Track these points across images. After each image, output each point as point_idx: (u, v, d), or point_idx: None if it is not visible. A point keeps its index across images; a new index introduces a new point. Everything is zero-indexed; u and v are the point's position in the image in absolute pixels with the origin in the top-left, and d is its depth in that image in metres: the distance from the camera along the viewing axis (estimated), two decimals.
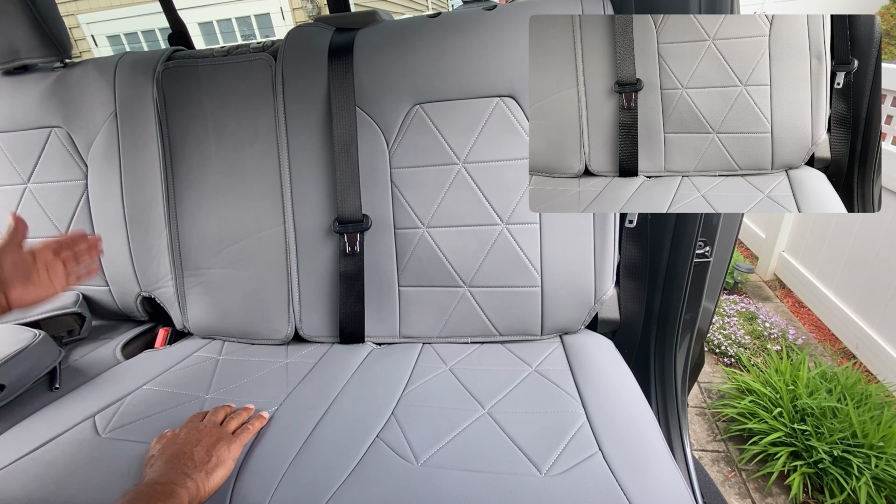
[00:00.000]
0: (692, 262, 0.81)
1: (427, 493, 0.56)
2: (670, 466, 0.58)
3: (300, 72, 0.91)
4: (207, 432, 0.63)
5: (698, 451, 1.38)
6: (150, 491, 0.51)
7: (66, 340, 1.00)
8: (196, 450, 0.59)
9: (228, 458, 0.60)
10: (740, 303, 2.04)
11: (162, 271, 1.02)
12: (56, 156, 1.02)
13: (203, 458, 0.58)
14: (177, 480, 0.53)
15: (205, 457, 0.58)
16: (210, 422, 0.66)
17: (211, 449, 0.60)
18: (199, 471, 0.56)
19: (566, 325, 0.90)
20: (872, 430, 1.20)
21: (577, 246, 0.86)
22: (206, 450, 0.60)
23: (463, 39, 0.84)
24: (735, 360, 1.72)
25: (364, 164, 0.89)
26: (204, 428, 0.63)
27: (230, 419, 0.68)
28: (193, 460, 0.57)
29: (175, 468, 0.55)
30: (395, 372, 0.83)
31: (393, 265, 0.92)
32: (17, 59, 0.96)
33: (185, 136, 0.97)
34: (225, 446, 0.61)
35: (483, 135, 0.85)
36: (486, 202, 0.86)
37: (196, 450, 0.59)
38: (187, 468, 0.56)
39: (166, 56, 1.00)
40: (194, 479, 0.55)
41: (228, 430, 0.65)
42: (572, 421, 0.66)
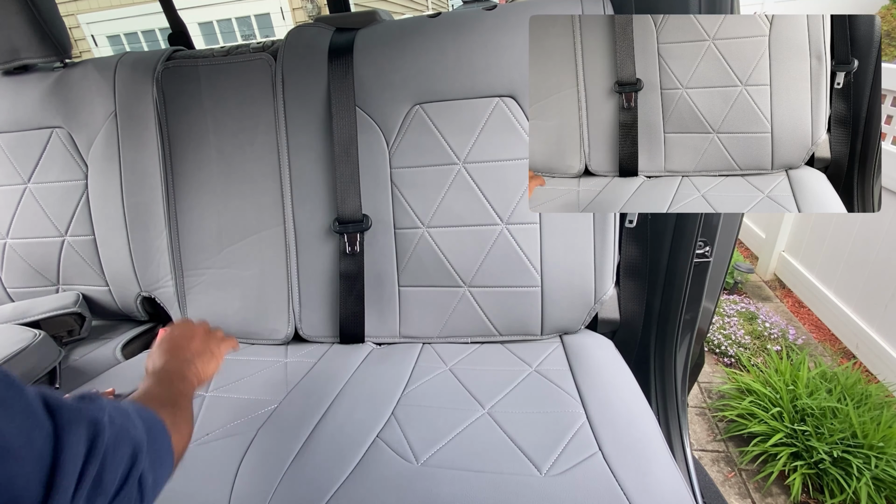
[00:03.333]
0: (692, 262, 0.81)
1: (427, 493, 0.56)
2: (670, 466, 0.58)
3: (300, 72, 0.91)
4: (199, 330, 0.68)
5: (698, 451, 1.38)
6: (167, 375, 0.56)
7: (66, 340, 1.00)
8: (193, 343, 0.64)
9: (219, 353, 0.65)
10: (740, 303, 2.03)
11: (162, 271, 1.02)
12: (56, 156, 1.02)
13: (200, 349, 0.63)
14: (183, 365, 0.58)
15: (202, 348, 0.63)
16: (198, 323, 0.70)
17: (205, 342, 0.65)
18: (198, 357, 0.61)
19: (566, 325, 0.90)
20: (872, 431, 1.20)
21: (577, 246, 0.85)
22: (202, 342, 0.65)
23: (463, 39, 0.84)
24: (735, 360, 1.72)
25: (364, 164, 0.89)
26: (195, 326, 0.68)
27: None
28: (191, 350, 0.62)
29: (178, 356, 0.60)
30: (395, 372, 0.83)
31: (393, 265, 0.92)
32: (17, 59, 0.96)
33: (185, 136, 0.97)
34: (216, 342, 0.66)
35: (483, 135, 0.85)
36: (486, 202, 0.86)
37: (193, 343, 0.64)
38: (189, 355, 0.61)
39: (166, 56, 1.00)
40: (195, 364, 0.60)
41: (216, 332, 0.70)
42: (572, 421, 0.66)
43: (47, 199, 1.04)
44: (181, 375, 0.57)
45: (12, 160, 1.04)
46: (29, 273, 1.07)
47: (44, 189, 1.04)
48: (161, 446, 0.41)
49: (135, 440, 0.36)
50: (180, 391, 0.55)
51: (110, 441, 0.33)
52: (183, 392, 0.55)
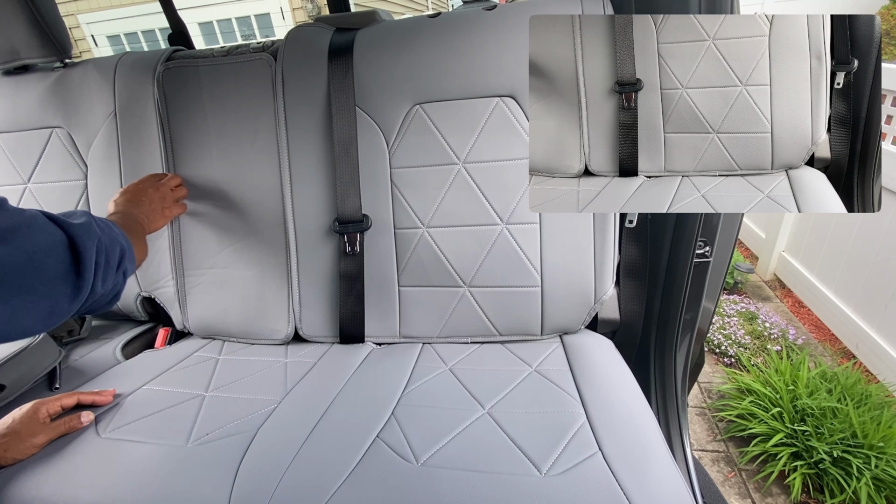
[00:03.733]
0: (692, 262, 0.81)
1: (427, 493, 0.56)
2: (670, 466, 0.58)
3: (300, 72, 0.91)
4: (162, 188, 0.89)
5: (698, 451, 1.38)
6: (125, 215, 0.77)
7: (66, 340, 1.00)
8: (152, 197, 0.85)
9: (168, 214, 0.89)
10: (740, 303, 2.04)
11: (162, 271, 1.02)
12: (56, 156, 1.02)
13: (154, 205, 0.84)
14: (138, 212, 0.79)
15: (156, 205, 0.85)
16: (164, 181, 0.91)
17: (161, 200, 0.87)
18: (151, 210, 0.83)
19: (566, 325, 0.90)
20: (872, 431, 1.20)
21: (577, 246, 0.85)
22: (159, 200, 0.86)
23: (463, 39, 0.84)
24: (735, 360, 1.72)
25: (364, 164, 0.89)
26: (160, 184, 0.89)
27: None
28: (148, 202, 0.83)
29: (136, 203, 0.81)
30: (395, 372, 0.83)
31: (393, 265, 0.92)
32: (17, 59, 0.96)
33: (185, 136, 0.97)
34: (169, 204, 0.89)
35: (483, 135, 0.85)
36: (486, 202, 0.86)
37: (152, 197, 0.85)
38: (144, 206, 0.82)
39: (166, 56, 1.00)
40: (147, 215, 0.81)
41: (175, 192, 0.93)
42: (572, 421, 0.66)
43: (47, 199, 1.04)
44: (135, 218, 0.77)
45: (12, 160, 1.04)
46: None
47: (44, 189, 1.04)
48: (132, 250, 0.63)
49: (122, 243, 0.59)
50: (135, 227, 0.75)
51: (107, 242, 0.55)
52: (136, 229, 0.75)
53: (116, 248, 0.57)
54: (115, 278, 0.57)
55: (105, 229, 0.56)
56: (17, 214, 0.46)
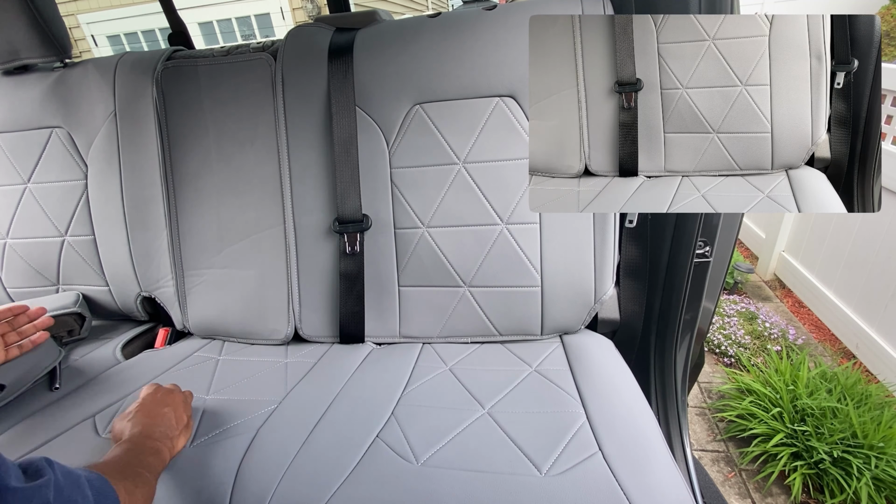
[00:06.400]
0: (692, 262, 0.81)
1: (427, 493, 0.56)
2: (670, 466, 0.58)
3: (300, 72, 0.91)
4: (178, 399, 0.70)
5: (698, 451, 1.38)
6: (141, 446, 0.58)
7: (66, 340, 1.00)
8: (168, 412, 0.66)
9: (191, 425, 0.69)
10: (740, 303, 2.03)
11: (162, 271, 1.02)
12: (56, 156, 1.02)
13: (177, 422, 0.66)
14: (160, 439, 0.61)
15: (178, 421, 0.66)
16: (175, 392, 0.72)
17: (181, 413, 0.68)
18: (174, 431, 0.65)
19: (566, 325, 0.90)
20: (872, 431, 1.20)
21: (577, 246, 0.85)
22: (181, 414, 0.68)
23: (463, 39, 0.84)
24: (735, 360, 1.72)
25: (364, 163, 0.89)
26: (174, 395, 0.70)
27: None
28: (171, 423, 0.65)
29: (156, 427, 0.62)
30: (395, 372, 0.83)
31: (393, 265, 0.92)
32: (17, 59, 0.96)
33: (185, 135, 0.97)
34: (188, 412, 0.70)
35: (483, 135, 0.85)
36: (486, 202, 0.86)
37: (168, 412, 0.66)
38: (167, 429, 0.64)
39: (166, 56, 1.00)
40: (171, 438, 0.63)
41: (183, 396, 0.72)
42: (572, 421, 0.66)
43: (47, 199, 1.04)
44: (154, 449, 0.58)
45: (12, 160, 1.04)
46: (29, 273, 1.07)
47: (44, 189, 1.04)
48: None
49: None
50: (149, 465, 0.55)
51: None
52: (152, 467, 0.56)
53: None
54: None
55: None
56: None
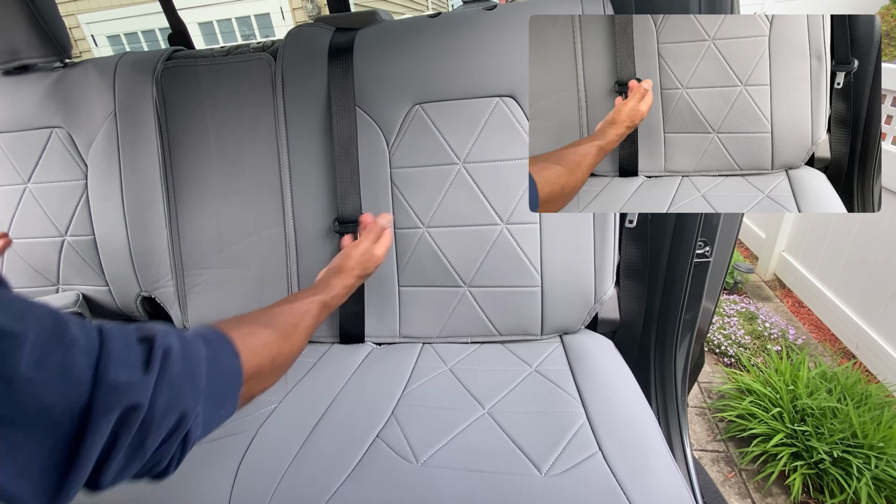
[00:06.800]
0: (692, 262, 0.81)
1: (427, 493, 0.56)
2: (670, 466, 0.58)
3: (300, 72, 0.91)
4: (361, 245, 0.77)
5: (698, 451, 1.38)
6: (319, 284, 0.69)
7: None
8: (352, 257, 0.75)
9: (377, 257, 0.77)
10: (740, 303, 2.03)
11: (162, 271, 1.02)
12: (56, 156, 1.02)
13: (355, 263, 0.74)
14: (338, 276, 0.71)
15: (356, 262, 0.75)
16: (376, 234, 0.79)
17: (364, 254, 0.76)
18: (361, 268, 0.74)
19: (566, 325, 0.90)
20: (872, 431, 1.20)
21: (577, 246, 0.85)
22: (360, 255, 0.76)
23: (463, 39, 0.84)
24: (735, 360, 1.72)
25: (364, 164, 0.89)
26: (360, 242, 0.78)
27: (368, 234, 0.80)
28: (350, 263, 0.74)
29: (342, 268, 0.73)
30: (395, 372, 0.83)
31: (393, 265, 0.92)
32: (17, 59, 0.96)
33: (185, 135, 0.97)
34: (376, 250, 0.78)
35: (483, 135, 0.85)
36: (486, 202, 0.86)
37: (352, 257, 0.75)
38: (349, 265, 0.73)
39: (166, 56, 1.00)
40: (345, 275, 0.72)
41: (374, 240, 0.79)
42: (572, 421, 0.66)
43: (47, 199, 1.04)
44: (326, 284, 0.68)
45: (12, 160, 1.04)
46: (29, 273, 1.07)
47: (43, 189, 1.04)
48: (222, 390, 0.40)
49: (184, 408, 0.34)
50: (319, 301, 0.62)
51: (159, 409, 0.32)
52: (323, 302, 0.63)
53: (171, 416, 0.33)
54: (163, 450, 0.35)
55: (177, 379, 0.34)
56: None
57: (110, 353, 0.30)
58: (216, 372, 0.39)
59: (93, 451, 0.28)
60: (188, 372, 0.35)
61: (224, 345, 0.42)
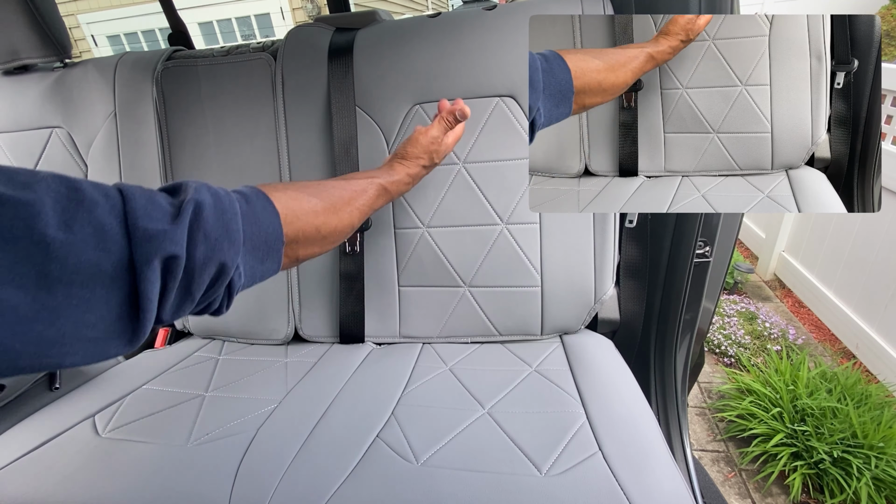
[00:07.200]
0: (692, 262, 0.81)
1: (427, 493, 0.56)
2: (670, 466, 0.58)
3: (300, 72, 0.91)
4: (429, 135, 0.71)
5: (698, 451, 1.38)
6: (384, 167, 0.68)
7: None
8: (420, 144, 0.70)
9: (445, 145, 0.71)
10: (740, 303, 2.04)
11: None
12: (56, 155, 1.02)
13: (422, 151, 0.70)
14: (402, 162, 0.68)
15: (422, 149, 0.70)
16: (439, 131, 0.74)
17: (431, 143, 0.70)
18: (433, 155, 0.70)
19: (566, 325, 0.90)
20: (872, 431, 1.20)
21: (577, 246, 0.85)
22: (428, 143, 0.70)
23: (463, 39, 0.84)
24: (735, 360, 1.72)
25: (364, 163, 0.89)
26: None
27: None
28: (416, 150, 0.69)
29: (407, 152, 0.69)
30: (395, 372, 0.83)
31: (393, 265, 0.92)
32: (17, 59, 0.96)
33: (185, 135, 0.97)
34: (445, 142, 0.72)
35: (483, 135, 0.85)
36: (486, 202, 0.86)
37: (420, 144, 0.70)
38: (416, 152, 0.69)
39: (166, 56, 1.00)
40: (408, 162, 0.69)
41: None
42: (572, 421, 0.66)
43: None
44: (390, 168, 0.67)
45: (12, 160, 1.04)
46: None
47: None
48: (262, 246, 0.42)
49: (222, 259, 0.37)
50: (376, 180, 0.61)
51: (199, 261, 0.36)
52: (384, 184, 0.62)
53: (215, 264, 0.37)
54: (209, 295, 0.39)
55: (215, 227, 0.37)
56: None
57: (135, 209, 0.32)
58: (255, 227, 0.41)
59: (152, 297, 0.33)
60: (223, 225, 0.38)
61: (264, 203, 0.44)
